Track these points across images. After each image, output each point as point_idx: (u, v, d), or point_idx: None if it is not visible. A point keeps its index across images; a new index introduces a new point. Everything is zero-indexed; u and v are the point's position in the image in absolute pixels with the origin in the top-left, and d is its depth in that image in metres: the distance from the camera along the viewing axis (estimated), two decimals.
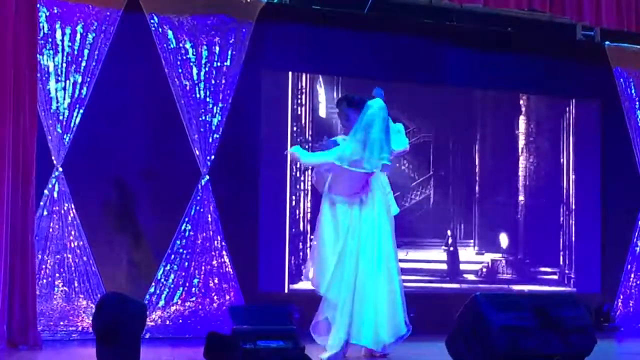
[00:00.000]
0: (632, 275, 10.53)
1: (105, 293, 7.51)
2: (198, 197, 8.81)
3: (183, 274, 8.72)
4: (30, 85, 7.59)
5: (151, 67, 8.72)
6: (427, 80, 10.04)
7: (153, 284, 8.62)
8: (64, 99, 8.35)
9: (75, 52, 8.39)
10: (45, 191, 8.23)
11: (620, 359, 7.88)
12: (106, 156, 8.62)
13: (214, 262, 8.81)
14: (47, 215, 8.24)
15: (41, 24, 8.12)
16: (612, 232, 10.62)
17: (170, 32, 8.78)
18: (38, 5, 7.86)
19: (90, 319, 6.26)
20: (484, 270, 10.30)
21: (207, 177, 8.83)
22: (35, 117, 7.66)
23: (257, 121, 9.26)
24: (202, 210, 8.81)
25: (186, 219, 8.77)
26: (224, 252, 8.83)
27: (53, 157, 8.28)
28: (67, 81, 8.36)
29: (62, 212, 8.29)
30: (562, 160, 10.68)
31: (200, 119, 8.84)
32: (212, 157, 8.85)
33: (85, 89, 8.41)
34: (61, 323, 8.21)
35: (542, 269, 10.52)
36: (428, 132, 10.08)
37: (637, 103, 10.67)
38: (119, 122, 8.67)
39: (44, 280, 8.17)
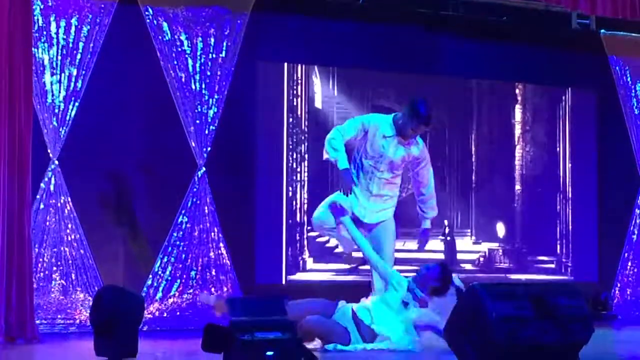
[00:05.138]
0: (629, 264, 10.54)
1: (102, 286, 7.50)
2: (194, 189, 8.80)
3: (180, 266, 8.72)
4: (25, 78, 7.55)
5: (146, 59, 8.69)
6: (423, 70, 10.02)
7: (150, 276, 8.62)
8: (60, 92, 8.32)
9: (70, 45, 8.36)
10: (42, 184, 8.20)
11: (618, 347, 7.88)
12: (102, 149, 8.60)
13: (211, 254, 8.80)
14: (43, 209, 8.22)
15: (35, 17, 8.08)
16: (609, 220, 10.62)
17: (165, 24, 8.75)
18: None
19: (88, 312, 6.25)
20: (481, 259, 10.31)
21: (204, 169, 8.82)
22: (30, 110, 7.62)
23: (253, 112, 9.25)
24: (198, 202, 8.80)
25: (183, 211, 8.75)
26: (221, 244, 8.82)
27: (49, 151, 8.26)
28: (63, 74, 8.33)
29: (59, 205, 8.28)
30: (558, 149, 10.67)
31: (196, 110, 8.82)
32: (209, 149, 8.83)
33: (80, 81, 8.38)
34: (59, 316, 8.21)
35: (539, 257, 10.52)
36: None
37: (633, 91, 10.67)
38: (114, 114, 8.65)
39: (41, 274, 8.16)
